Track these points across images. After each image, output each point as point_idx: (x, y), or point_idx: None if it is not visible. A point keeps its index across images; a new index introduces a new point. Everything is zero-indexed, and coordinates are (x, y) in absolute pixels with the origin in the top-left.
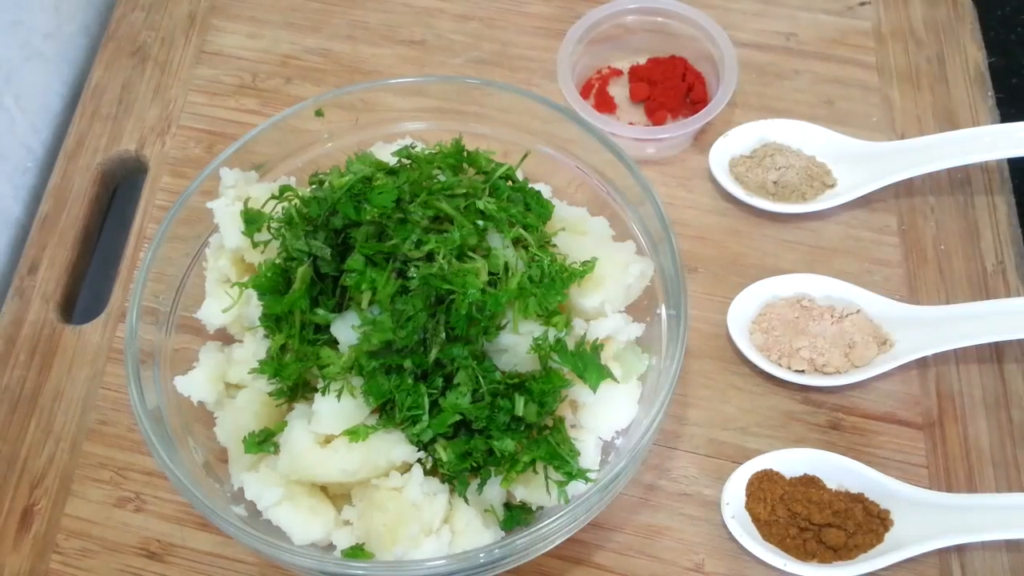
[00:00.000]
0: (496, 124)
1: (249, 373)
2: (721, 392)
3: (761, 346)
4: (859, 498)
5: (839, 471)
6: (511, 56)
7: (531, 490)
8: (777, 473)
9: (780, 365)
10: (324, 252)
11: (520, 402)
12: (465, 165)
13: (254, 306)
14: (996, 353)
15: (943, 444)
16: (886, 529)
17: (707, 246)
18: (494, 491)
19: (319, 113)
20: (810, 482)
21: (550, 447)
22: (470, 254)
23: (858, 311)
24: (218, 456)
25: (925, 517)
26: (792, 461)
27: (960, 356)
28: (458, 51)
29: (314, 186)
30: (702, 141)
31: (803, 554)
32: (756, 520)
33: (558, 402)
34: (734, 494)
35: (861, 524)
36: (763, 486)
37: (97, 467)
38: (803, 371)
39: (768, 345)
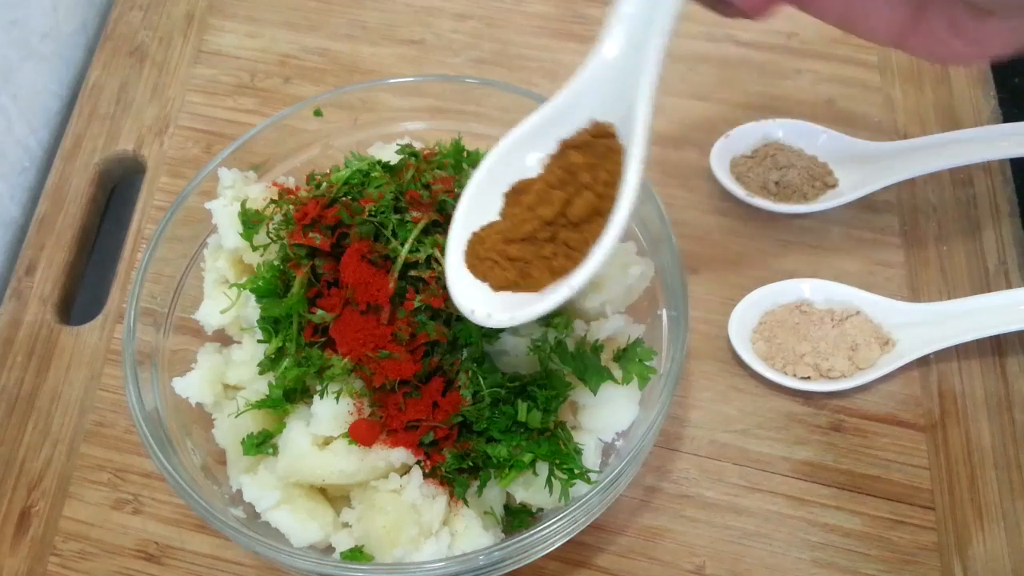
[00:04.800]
0: (496, 124)
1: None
2: (722, 394)
3: (764, 355)
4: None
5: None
6: (510, 55)
7: (531, 492)
8: None
9: (785, 373)
10: (322, 243)
11: (523, 408)
12: (465, 165)
13: (252, 307)
14: (998, 354)
15: (945, 446)
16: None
17: (708, 247)
18: (494, 493)
19: (318, 113)
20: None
21: (552, 445)
22: None
23: (858, 312)
24: (216, 458)
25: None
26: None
27: (962, 357)
28: (457, 50)
29: (312, 186)
30: (703, 141)
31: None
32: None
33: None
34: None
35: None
36: None
37: (95, 469)
38: (808, 377)
39: (771, 353)
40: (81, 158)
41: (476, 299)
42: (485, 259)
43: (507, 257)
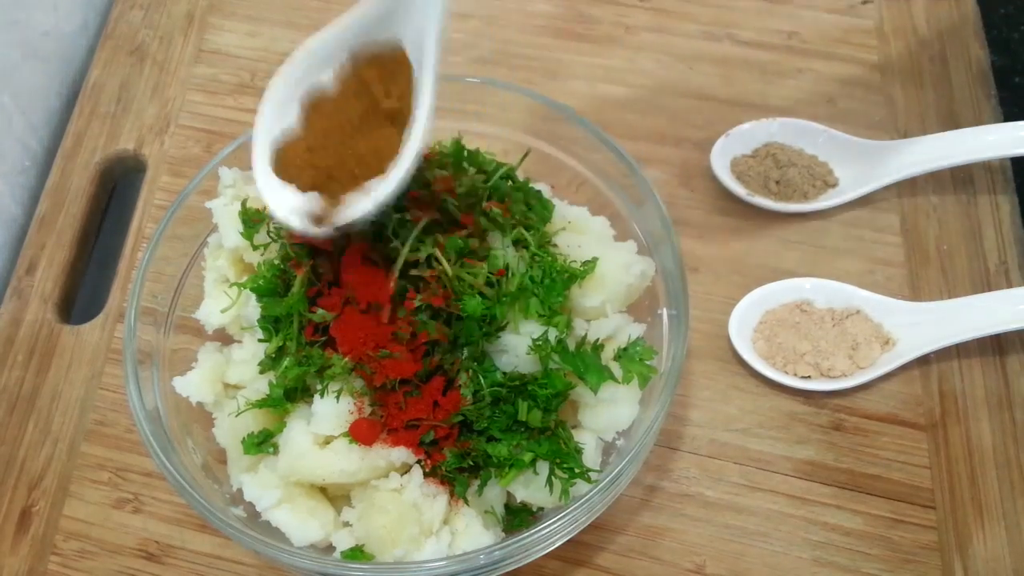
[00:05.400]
0: (496, 123)
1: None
2: (723, 393)
3: (765, 354)
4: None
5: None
6: (512, 55)
7: (532, 491)
8: None
9: (786, 372)
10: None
11: (524, 407)
12: (465, 164)
13: (253, 306)
14: (999, 353)
15: (946, 445)
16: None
17: (709, 246)
18: (494, 492)
19: None
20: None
21: (553, 444)
22: (468, 261)
23: (858, 311)
24: (217, 457)
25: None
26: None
27: (962, 356)
28: (458, 50)
29: None
30: (704, 141)
31: None
32: None
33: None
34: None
35: None
36: None
37: (95, 468)
38: (809, 376)
39: (772, 352)
40: (82, 157)
41: (290, 205)
42: (290, 167)
43: (311, 165)
